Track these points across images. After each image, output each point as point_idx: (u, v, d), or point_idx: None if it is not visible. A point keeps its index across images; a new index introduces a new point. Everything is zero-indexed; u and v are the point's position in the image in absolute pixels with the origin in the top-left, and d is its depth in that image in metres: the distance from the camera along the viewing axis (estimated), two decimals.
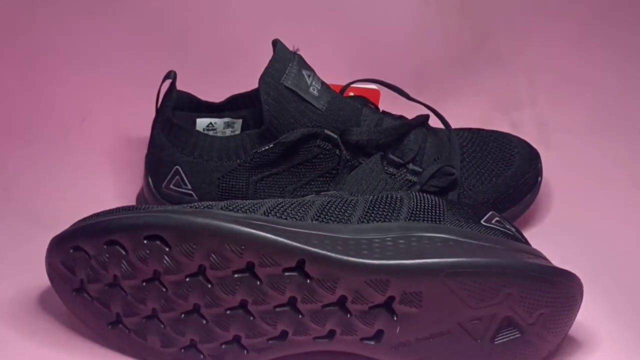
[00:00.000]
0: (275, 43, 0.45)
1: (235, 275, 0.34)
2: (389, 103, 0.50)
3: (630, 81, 0.60)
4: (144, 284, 0.35)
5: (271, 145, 0.43)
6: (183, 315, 0.35)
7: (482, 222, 0.37)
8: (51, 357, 0.38)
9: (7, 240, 0.47)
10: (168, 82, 0.46)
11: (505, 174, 0.47)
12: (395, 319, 0.34)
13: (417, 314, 0.34)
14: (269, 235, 0.33)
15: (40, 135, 0.55)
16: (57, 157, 0.54)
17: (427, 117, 0.48)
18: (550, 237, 0.47)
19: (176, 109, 0.48)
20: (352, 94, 0.50)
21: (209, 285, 0.34)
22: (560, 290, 0.34)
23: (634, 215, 0.50)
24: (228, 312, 0.35)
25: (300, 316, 0.34)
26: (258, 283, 0.34)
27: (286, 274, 0.33)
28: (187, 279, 0.34)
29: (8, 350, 0.38)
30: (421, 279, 0.33)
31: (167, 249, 0.33)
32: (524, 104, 0.59)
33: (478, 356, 0.35)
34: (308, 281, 0.33)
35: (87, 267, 0.35)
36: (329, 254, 0.33)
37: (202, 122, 0.49)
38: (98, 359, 0.37)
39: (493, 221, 0.37)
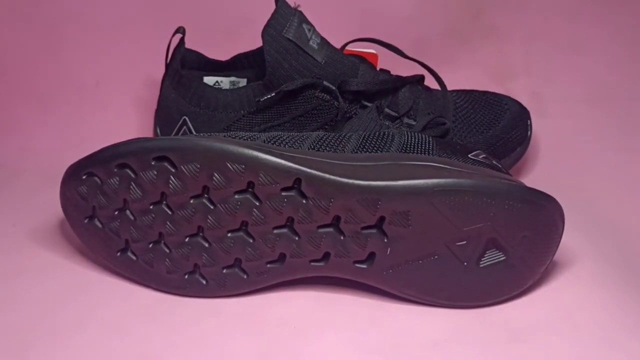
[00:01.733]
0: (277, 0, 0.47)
1: (236, 196, 0.36)
2: (386, 67, 0.53)
3: (623, 52, 0.62)
4: (151, 206, 0.37)
5: (273, 94, 0.46)
6: (187, 239, 0.38)
7: (469, 156, 0.39)
8: (67, 285, 0.40)
9: (23, 192, 0.50)
10: (177, 37, 0.49)
11: (495, 127, 0.49)
12: (385, 240, 0.36)
13: (406, 234, 0.36)
14: (268, 156, 0.35)
15: (57, 97, 0.58)
16: (73, 117, 0.57)
17: (422, 77, 0.51)
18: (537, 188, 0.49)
19: (184, 67, 0.51)
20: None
21: (212, 207, 0.36)
22: (541, 212, 0.36)
23: (621, 173, 0.52)
24: (229, 234, 0.37)
25: (297, 237, 0.37)
26: (257, 203, 0.36)
27: (283, 193, 0.36)
28: (192, 200, 0.37)
29: (29, 284, 0.40)
30: (409, 198, 0.35)
31: (173, 170, 0.36)
32: (519, 74, 0.61)
33: (464, 279, 0.37)
34: (304, 201, 0.36)
35: (99, 192, 0.38)
36: (323, 174, 0.35)
37: (209, 81, 0.52)
38: (109, 288, 0.40)
39: (480, 157, 0.40)
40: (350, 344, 0.36)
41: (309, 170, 0.35)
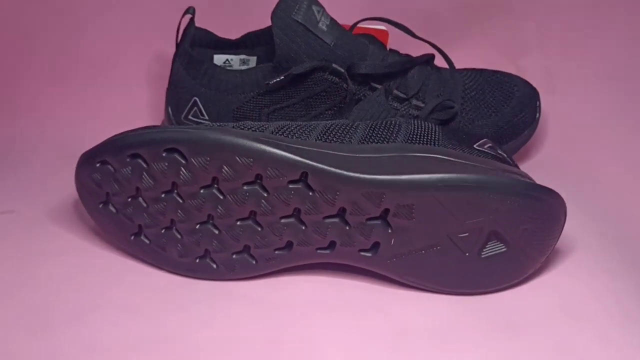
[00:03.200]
0: None
1: (245, 187, 0.37)
2: (396, 45, 0.53)
3: (637, 31, 0.61)
4: (163, 195, 0.38)
5: (282, 77, 0.46)
6: (198, 226, 0.39)
7: (474, 146, 0.39)
8: (83, 265, 0.42)
9: (42, 169, 0.51)
10: (187, 17, 0.49)
11: (504, 109, 0.49)
12: (389, 231, 0.37)
13: (410, 226, 0.37)
14: (275, 150, 0.36)
15: (70, 73, 0.58)
16: (85, 94, 0.58)
17: (432, 56, 0.51)
18: (543, 171, 0.49)
19: (194, 46, 0.51)
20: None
21: (221, 197, 0.38)
22: (544, 207, 0.37)
23: (633, 154, 0.52)
24: (238, 222, 0.38)
25: (303, 227, 0.38)
26: (265, 194, 0.37)
27: (290, 185, 0.37)
28: (202, 191, 0.38)
29: (47, 264, 0.42)
30: (413, 192, 0.36)
31: (183, 162, 0.37)
32: (531, 51, 0.61)
33: (465, 268, 0.38)
34: (310, 193, 0.37)
35: (112, 180, 0.39)
36: (329, 168, 0.36)
37: (219, 59, 0.52)
38: (124, 269, 0.41)
39: (485, 147, 0.40)
40: (355, 330, 0.37)
41: (315, 163, 0.36)
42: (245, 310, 0.38)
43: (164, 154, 0.37)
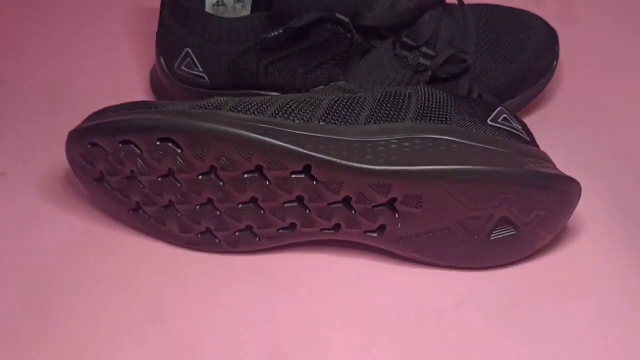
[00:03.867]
0: None
1: (245, 176, 0.35)
2: None
3: None
4: (160, 179, 0.37)
5: (280, 31, 0.42)
6: (198, 207, 0.38)
7: (488, 121, 0.37)
8: (77, 235, 0.41)
9: (27, 115, 0.49)
10: None
11: (520, 58, 0.46)
12: (396, 216, 0.36)
13: (418, 213, 0.36)
14: (276, 142, 0.34)
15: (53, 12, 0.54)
16: (69, 29, 0.54)
17: None
18: (558, 120, 0.47)
19: None
20: None
21: (221, 183, 0.36)
22: (558, 195, 0.35)
23: None
24: (240, 206, 0.37)
25: (307, 211, 0.37)
26: (267, 183, 0.35)
27: (293, 176, 0.35)
28: (200, 177, 0.36)
29: (41, 226, 0.41)
30: (422, 183, 0.34)
31: (179, 151, 0.35)
32: None
33: (474, 249, 0.37)
34: (314, 183, 0.35)
35: (105, 161, 0.37)
36: (334, 159, 0.34)
37: (210, 0, 0.48)
38: (122, 239, 0.41)
39: (500, 119, 0.38)
40: (357, 306, 0.37)
41: (318, 155, 0.34)
42: (246, 287, 0.38)
43: (157, 143, 0.35)
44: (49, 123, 0.47)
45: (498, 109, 0.38)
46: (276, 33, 0.43)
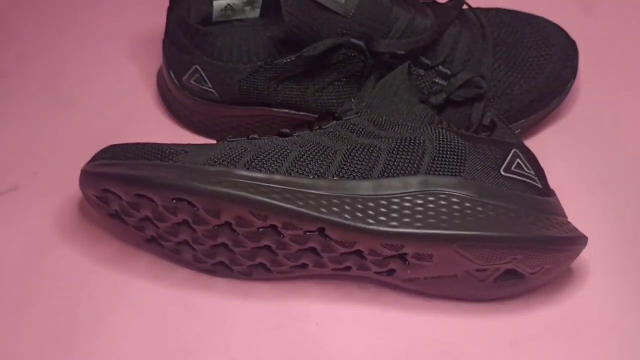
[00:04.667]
0: None
1: (260, 230, 0.36)
2: None
3: None
4: (175, 225, 0.37)
5: (293, 58, 0.41)
6: (212, 247, 0.38)
7: (501, 171, 0.37)
8: (97, 260, 0.41)
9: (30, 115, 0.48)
10: None
11: (538, 78, 0.45)
12: (407, 264, 0.37)
13: (428, 265, 0.37)
14: (291, 207, 0.34)
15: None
16: (66, 23, 0.52)
17: (461, 3, 0.44)
18: (571, 134, 0.47)
19: None
20: None
21: (236, 234, 0.36)
22: (567, 253, 0.36)
23: None
24: (254, 249, 0.38)
25: (319, 258, 0.37)
26: (281, 236, 0.36)
27: (308, 233, 0.35)
28: (215, 227, 0.36)
29: (60, 256, 0.42)
30: (433, 245, 0.35)
31: (194, 208, 0.35)
32: None
33: (479, 290, 0.39)
34: (327, 240, 0.36)
35: (119, 205, 0.37)
36: (348, 222, 0.34)
37: (219, 4, 0.46)
38: (139, 266, 0.42)
39: (513, 166, 0.38)
40: (365, 342, 0.39)
41: (332, 218, 0.34)
42: (260, 320, 0.39)
43: (173, 202, 0.35)
44: (56, 125, 0.47)
45: (512, 152, 0.38)
46: (287, 60, 0.41)
